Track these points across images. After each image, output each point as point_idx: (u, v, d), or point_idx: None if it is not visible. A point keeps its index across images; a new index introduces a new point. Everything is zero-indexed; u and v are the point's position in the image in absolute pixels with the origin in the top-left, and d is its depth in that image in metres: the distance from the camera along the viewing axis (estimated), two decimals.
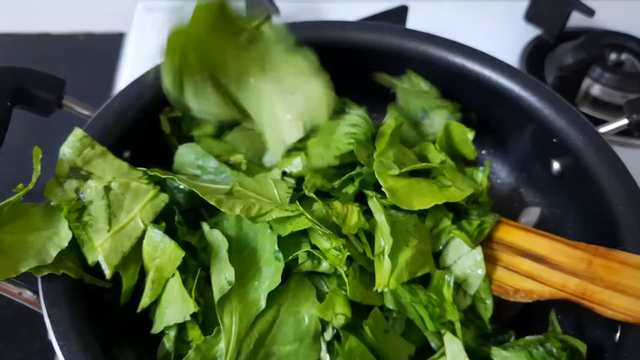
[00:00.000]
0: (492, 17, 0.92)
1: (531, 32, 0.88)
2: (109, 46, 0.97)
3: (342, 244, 0.42)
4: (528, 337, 0.47)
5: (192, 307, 0.41)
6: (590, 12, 0.83)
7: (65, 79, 0.49)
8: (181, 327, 0.43)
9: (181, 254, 0.42)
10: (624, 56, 0.84)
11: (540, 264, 0.45)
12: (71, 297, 0.39)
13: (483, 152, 0.60)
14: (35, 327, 0.74)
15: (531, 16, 0.89)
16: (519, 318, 0.52)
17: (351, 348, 0.42)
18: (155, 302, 0.44)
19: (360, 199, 0.49)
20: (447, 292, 0.45)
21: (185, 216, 0.47)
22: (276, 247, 0.44)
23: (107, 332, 0.43)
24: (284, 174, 0.51)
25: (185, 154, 0.51)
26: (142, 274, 0.44)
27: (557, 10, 0.85)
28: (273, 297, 0.43)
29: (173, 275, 0.42)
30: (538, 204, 0.57)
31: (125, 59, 0.89)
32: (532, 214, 0.57)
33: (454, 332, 0.45)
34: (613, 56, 0.83)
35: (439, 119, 0.55)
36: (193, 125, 0.54)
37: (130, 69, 0.84)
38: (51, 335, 0.37)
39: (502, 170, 0.60)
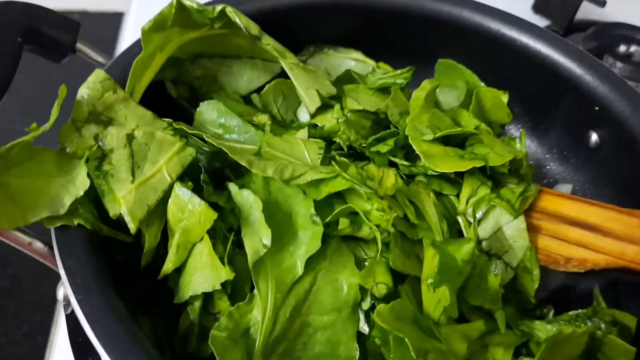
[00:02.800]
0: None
1: (539, 23, 0.87)
2: (105, 26, 0.93)
3: (387, 205, 0.39)
4: (572, 312, 0.44)
5: (224, 275, 0.36)
6: (601, 3, 0.82)
7: None
8: (207, 298, 0.39)
9: (213, 215, 0.37)
10: (633, 48, 0.84)
11: (592, 232, 0.42)
12: (88, 249, 0.35)
13: (510, 127, 0.58)
14: (22, 310, 0.69)
15: (539, 7, 0.88)
16: (552, 296, 0.49)
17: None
18: (179, 269, 0.39)
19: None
20: (494, 280, 0.42)
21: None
22: (313, 211, 0.40)
23: (121, 297, 0.38)
24: (315, 127, 0.47)
25: (207, 112, 0.47)
26: (162, 235, 0.40)
27: (567, 1, 0.84)
28: (309, 263, 0.39)
29: (201, 239, 0.38)
30: (569, 181, 0.55)
31: (124, 40, 0.84)
32: (564, 190, 0.54)
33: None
34: (622, 48, 0.83)
35: None
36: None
37: None
38: (68, 289, 0.32)
39: (530, 146, 0.58)
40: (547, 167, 0.57)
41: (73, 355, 0.39)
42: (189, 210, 0.38)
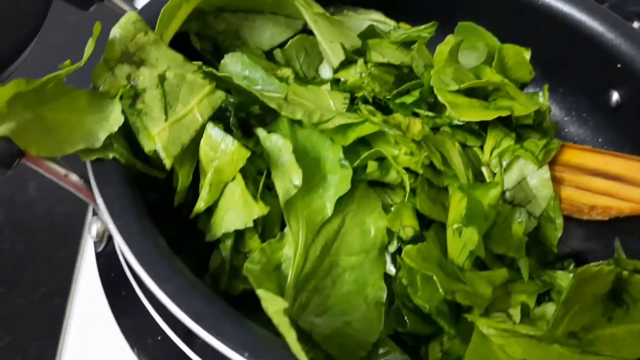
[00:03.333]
0: None
1: None
2: None
3: (417, 148, 0.39)
4: (593, 263, 0.44)
5: (257, 211, 0.37)
6: None
7: None
8: (237, 237, 0.39)
9: (246, 154, 0.38)
10: None
11: (616, 181, 0.43)
12: (124, 180, 0.35)
13: (529, 90, 0.58)
14: (40, 272, 0.69)
15: None
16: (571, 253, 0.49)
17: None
18: (209, 211, 0.40)
19: None
20: (518, 228, 0.42)
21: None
22: (341, 155, 0.41)
23: None
24: (337, 83, 0.48)
25: (231, 64, 0.47)
26: (193, 178, 0.40)
27: None
28: (338, 206, 0.40)
29: (233, 178, 0.38)
30: (589, 143, 0.56)
31: None
32: None
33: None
34: (636, 24, 0.83)
35: None
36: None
37: None
38: (106, 216, 0.33)
39: None
40: (566, 130, 0.57)
41: (104, 291, 0.40)
42: (222, 149, 0.38)
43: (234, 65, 0.47)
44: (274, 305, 0.30)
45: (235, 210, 0.38)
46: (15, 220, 0.74)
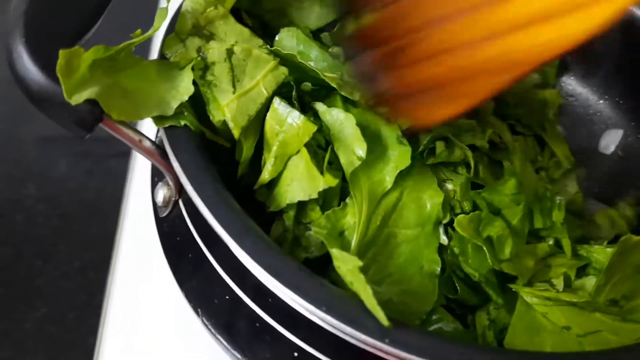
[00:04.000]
0: None
1: None
2: None
3: (476, 122, 0.41)
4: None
5: (322, 184, 0.38)
6: None
7: None
8: (299, 209, 0.40)
9: (312, 128, 0.39)
10: None
11: None
12: (196, 147, 0.36)
13: (563, 77, 0.60)
14: (75, 246, 0.71)
15: None
16: None
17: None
18: (269, 184, 0.41)
19: None
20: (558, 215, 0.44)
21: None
22: (399, 133, 0.42)
23: None
24: None
25: (286, 39, 0.48)
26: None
27: None
28: (396, 180, 0.41)
29: (297, 152, 0.40)
30: (620, 126, 0.57)
31: None
32: (614, 135, 0.57)
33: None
34: None
35: None
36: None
37: None
38: (182, 179, 0.34)
39: (581, 93, 0.60)
40: (598, 114, 0.59)
41: (166, 256, 0.41)
42: (288, 123, 0.39)
43: (289, 40, 0.48)
44: (347, 263, 0.31)
45: (300, 182, 0.39)
46: (49, 194, 0.75)
